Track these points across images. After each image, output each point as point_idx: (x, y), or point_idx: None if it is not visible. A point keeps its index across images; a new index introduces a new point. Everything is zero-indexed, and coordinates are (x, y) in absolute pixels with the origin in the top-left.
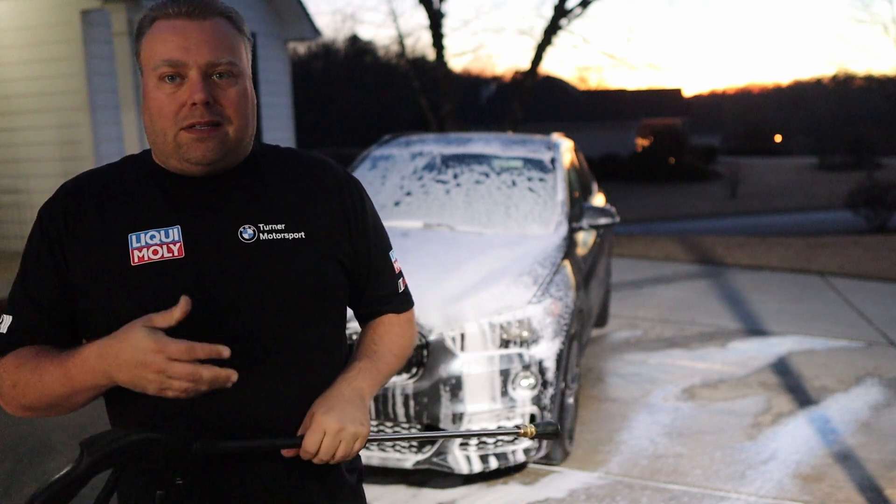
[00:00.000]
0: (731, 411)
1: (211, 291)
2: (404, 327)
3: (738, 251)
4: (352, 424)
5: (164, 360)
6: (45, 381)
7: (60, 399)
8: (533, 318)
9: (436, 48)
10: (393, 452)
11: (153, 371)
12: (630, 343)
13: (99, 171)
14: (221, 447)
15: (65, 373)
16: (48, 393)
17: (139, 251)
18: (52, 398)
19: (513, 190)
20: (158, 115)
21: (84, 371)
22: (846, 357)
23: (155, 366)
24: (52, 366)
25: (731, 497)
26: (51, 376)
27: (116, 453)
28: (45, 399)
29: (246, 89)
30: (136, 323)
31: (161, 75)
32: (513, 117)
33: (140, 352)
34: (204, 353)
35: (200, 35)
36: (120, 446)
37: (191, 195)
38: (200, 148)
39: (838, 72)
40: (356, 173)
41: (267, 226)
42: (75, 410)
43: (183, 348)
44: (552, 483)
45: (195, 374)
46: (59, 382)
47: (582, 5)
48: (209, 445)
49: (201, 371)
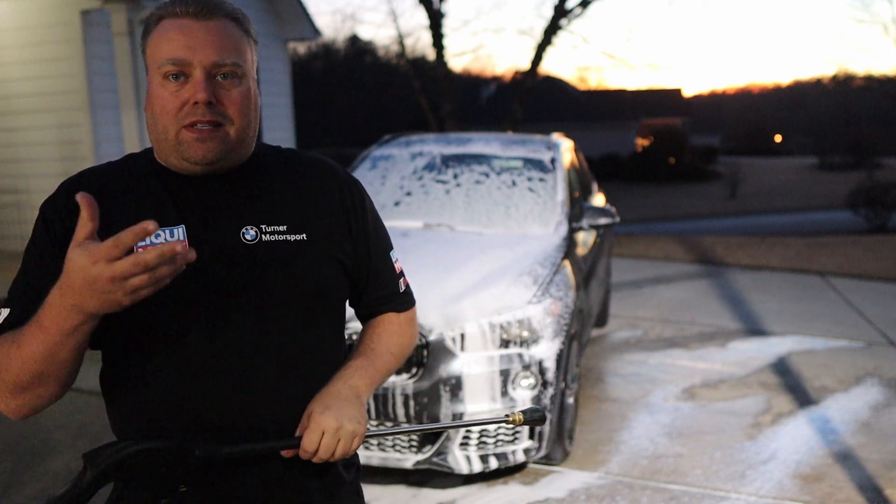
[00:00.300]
0: (731, 411)
1: (213, 292)
2: (405, 327)
3: (738, 251)
4: (349, 422)
5: (104, 265)
6: (23, 346)
7: (42, 363)
8: (533, 318)
9: (436, 48)
10: (393, 452)
11: (105, 282)
12: (630, 343)
13: (101, 168)
14: (223, 452)
15: (38, 327)
16: (29, 358)
17: (143, 249)
18: (34, 364)
19: (513, 190)
20: (161, 113)
21: (54, 316)
22: (846, 357)
23: (101, 276)
24: (26, 328)
25: (731, 497)
26: (27, 339)
27: (119, 465)
28: (29, 367)
29: (249, 90)
30: (69, 248)
31: (165, 73)
32: (513, 117)
33: (82, 271)
34: (129, 237)
35: (206, 35)
36: (123, 457)
37: (193, 195)
38: (201, 148)
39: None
40: (356, 173)
41: (269, 227)
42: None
43: (110, 244)
44: (552, 483)
45: (140, 262)
46: (36, 340)
47: (582, 5)
48: (211, 451)
49: (144, 257)
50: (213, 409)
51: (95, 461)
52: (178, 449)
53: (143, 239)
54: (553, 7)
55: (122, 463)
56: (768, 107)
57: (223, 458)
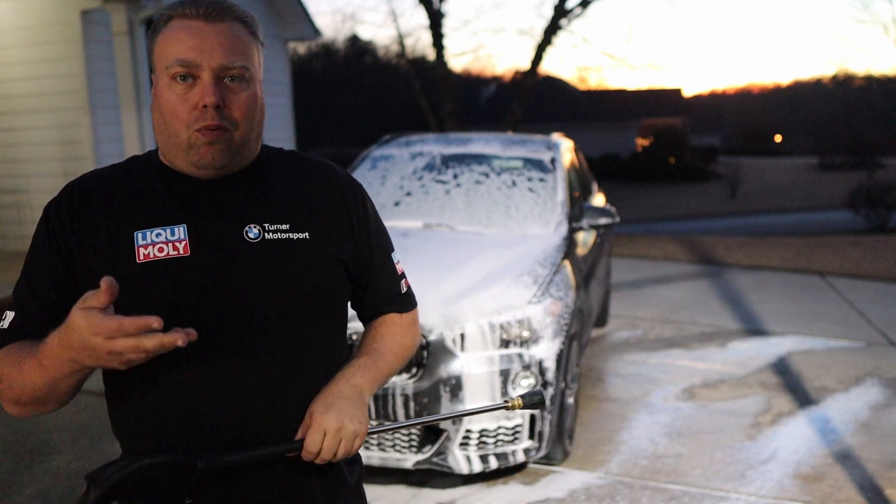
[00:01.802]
0: (731, 411)
1: (215, 289)
2: (407, 328)
3: (738, 251)
4: (351, 422)
5: (104, 340)
6: (24, 374)
7: (42, 392)
8: (533, 318)
9: (436, 48)
10: (393, 452)
11: (103, 352)
12: (630, 343)
13: (105, 170)
14: (226, 461)
15: (38, 364)
16: (29, 386)
17: (145, 248)
18: (35, 391)
19: (513, 190)
20: (172, 116)
21: (53, 360)
22: (846, 357)
23: (100, 347)
24: (29, 358)
25: (731, 497)
26: (28, 369)
27: (122, 483)
28: (29, 393)
29: (256, 94)
30: (75, 306)
31: (173, 75)
32: (513, 117)
33: (81, 336)
34: (134, 328)
35: (215, 37)
36: (125, 475)
37: (197, 195)
38: (209, 152)
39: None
40: (356, 173)
41: (272, 226)
42: (64, 404)
43: (113, 327)
44: (552, 483)
45: (139, 347)
46: (37, 374)
47: (582, 5)
48: (214, 461)
49: (144, 343)
50: (214, 409)
51: (98, 481)
52: (180, 463)
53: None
54: (553, 7)
55: (125, 481)
56: (768, 107)
57: (226, 466)
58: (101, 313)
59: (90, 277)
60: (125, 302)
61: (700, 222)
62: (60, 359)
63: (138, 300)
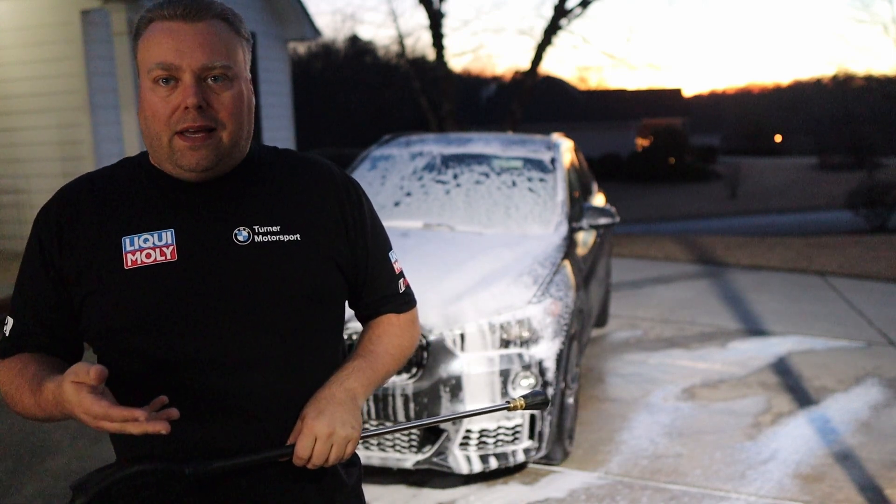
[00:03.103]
0: (731, 411)
1: (204, 294)
2: (405, 328)
3: (738, 251)
4: (342, 428)
5: (91, 419)
6: (24, 403)
7: (42, 419)
8: (533, 318)
9: (436, 48)
10: (393, 452)
11: (90, 425)
12: (630, 343)
13: (96, 173)
14: (214, 468)
15: (36, 402)
16: (30, 412)
17: (132, 255)
18: (36, 417)
19: (513, 190)
20: (153, 119)
21: (49, 406)
22: (846, 357)
23: (87, 423)
24: (28, 391)
25: (731, 497)
26: (28, 401)
27: (108, 491)
28: (30, 415)
29: (241, 93)
30: (66, 377)
31: (155, 78)
32: (513, 117)
33: (72, 409)
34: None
35: (195, 38)
36: (111, 483)
37: (186, 198)
38: (194, 156)
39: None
40: (356, 173)
41: (262, 228)
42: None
43: (100, 413)
44: (552, 483)
45: (123, 431)
46: (36, 410)
47: (582, 5)
48: (202, 468)
49: (128, 428)
50: (208, 415)
51: (84, 490)
52: (167, 470)
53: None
54: (553, 7)
55: (111, 490)
56: (768, 107)
57: (215, 473)
58: (90, 394)
59: (80, 285)
60: (114, 309)
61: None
62: (56, 407)
63: (127, 307)
